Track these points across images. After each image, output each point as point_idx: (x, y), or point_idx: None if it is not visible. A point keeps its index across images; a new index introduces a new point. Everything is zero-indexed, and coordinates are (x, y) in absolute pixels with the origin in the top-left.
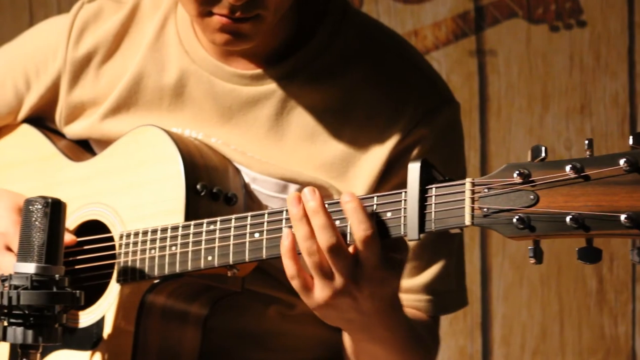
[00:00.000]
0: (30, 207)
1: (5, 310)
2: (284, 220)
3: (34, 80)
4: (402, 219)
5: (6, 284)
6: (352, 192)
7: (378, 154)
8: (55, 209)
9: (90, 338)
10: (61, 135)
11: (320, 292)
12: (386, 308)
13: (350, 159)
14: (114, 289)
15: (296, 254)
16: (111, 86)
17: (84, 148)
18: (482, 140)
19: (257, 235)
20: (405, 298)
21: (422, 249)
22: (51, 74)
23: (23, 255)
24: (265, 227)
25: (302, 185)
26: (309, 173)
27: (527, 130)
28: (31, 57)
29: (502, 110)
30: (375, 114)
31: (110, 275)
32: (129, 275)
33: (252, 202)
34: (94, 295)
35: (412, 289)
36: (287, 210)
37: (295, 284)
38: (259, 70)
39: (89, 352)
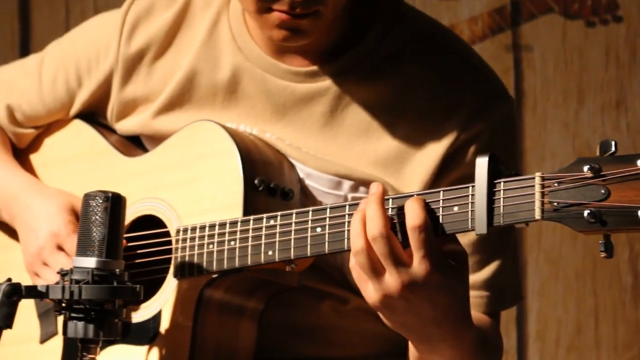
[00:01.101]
0: (91, 201)
1: (66, 305)
2: (346, 215)
3: (85, 77)
4: (470, 213)
5: (66, 279)
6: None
7: (433, 151)
8: (115, 203)
9: (146, 332)
10: (112, 130)
11: (373, 292)
12: (447, 319)
13: (405, 155)
14: (170, 284)
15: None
16: (164, 83)
17: (135, 143)
18: (518, 135)
19: (319, 230)
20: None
21: (482, 245)
22: (103, 71)
23: (83, 249)
24: (327, 222)
25: (357, 181)
26: (363, 169)
27: (563, 126)
28: (83, 54)
29: (538, 105)
30: (430, 110)
31: (165, 270)
32: (187, 270)
33: (306, 198)
34: (148, 290)
35: (473, 286)
36: (349, 205)
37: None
38: (313, 67)
39: (145, 347)
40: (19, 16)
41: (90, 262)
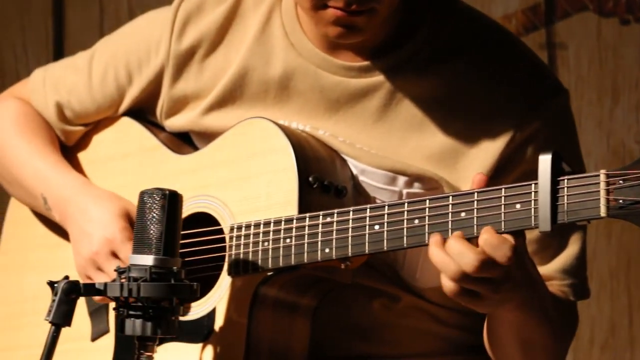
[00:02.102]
0: (148, 198)
1: (124, 303)
2: (405, 212)
3: (136, 74)
4: (533, 210)
5: (123, 276)
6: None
7: (490, 147)
8: (172, 200)
9: (201, 330)
10: (161, 128)
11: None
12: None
13: (460, 151)
14: (224, 281)
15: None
16: (215, 79)
17: (184, 141)
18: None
19: (377, 227)
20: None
21: (551, 236)
22: (154, 68)
23: (140, 247)
24: (385, 219)
25: (411, 177)
26: (418, 165)
27: (597, 124)
28: (133, 51)
29: (572, 103)
30: (483, 105)
31: (218, 268)
32: (241, 267)
33: (359, 194)
34: (200, 287)
35: (546, 275)
36: (408, 203)
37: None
38: (366, 63)
39: (200, 345)
40: (53, 14)
41: (148, 259)
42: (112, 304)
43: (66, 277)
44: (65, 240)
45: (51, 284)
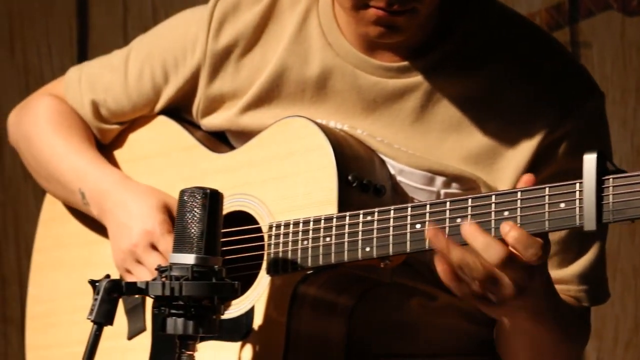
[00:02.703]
0: (188, 197)
1: (166, 301)
2: (447, 211)
3: (172, 73)
4: (578, 209)
5: (164, 275)
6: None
7: (525, 147)
8: (213, 199)
9: (239, 329)
10: (197, 126)
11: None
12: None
13: (497, 151)
14: (263, 280)
15: (458, 278)
16: (252, 79)
17: (220, 140)
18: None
19: (418, 226)
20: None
21: (571, 240)
22: (190, 66)
23: (180, 246)
24: (427, 218)
25: (449, 177)
26: (455, 165)
27: (621, 123)
28: (169, 49)
29: None
30: (520, 105)
31: (256, 267)
32: (280, 266)
33: (397, 194)
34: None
35: (563, 279)
36: (450, 202)
37: (473, 299)
38: (404, 63)
39: (238, 343)
40: (77, 14)
41: (189, 258)
42: (150, 303)
43: (107, 276)
44: (100, 238)
45: (92, 282)
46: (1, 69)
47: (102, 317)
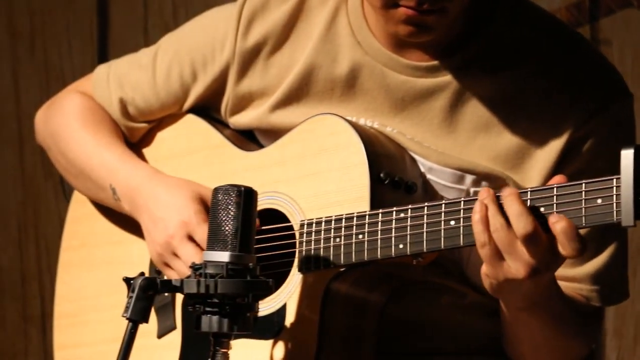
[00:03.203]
0: (223, 195)
1: (201, 299)
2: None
3: (200, 71)
4: (615, 205)
5: (198, 272)
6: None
7: (553, 146)
8: (248, 197)
9: (271, 326)
10: (224, 124)
11: (511, 271)
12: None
13: (525, 150)
14: (294, 277)
15: (488, 222)
16: (280, 77)
17: (248, 138)
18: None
19: (452, 222)
20: (568, 286)
21: (589, 238)
22: (219, 65)
23: (214, 243)
24: (461, 215)
25: (479, 176)
26: (484, 164)
27: None
28: (198, 48)
29: None
30: (549, 105)
31: (286, 264)
32: (312, 263)
33: (427, 192)
34: None
35: (576, 278)
36: None
37: (485, 252)
38: (434, 62)
39: (270, 341)
40: (98, 12)
41: (224, 256)
42: (179, 301)
43: (142, 274)
44: (128, 236)
45: (127, 280)
46: (22, 67)
47: (138, 315)
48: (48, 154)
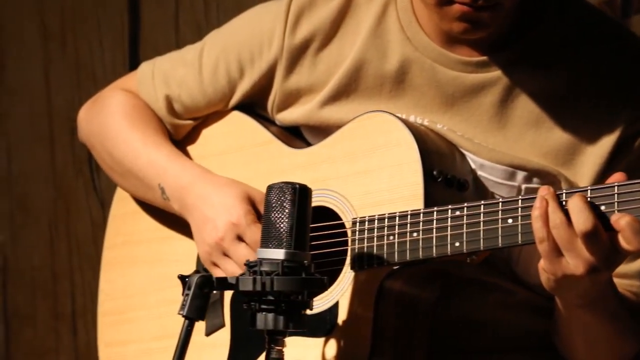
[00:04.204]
0: (277, 193)
1: (256, 297)
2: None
3: (248, 68)
4: None
5: (252, 270)
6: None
7: (604, 143)
8: (302, 194)
9: (323, 324)
10: (270, 121)
11: (570, 267)
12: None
13: (576, 147)
14: (347, 275)
15: (547, 218)
16: (329, 73)
17: (294, 135)
18: None
19: (510, 221)
20: (618, 283)
21: None
22: (267, 61)
23: (268, 241)
24: (519, 213)
25: (530, 172)
26: (535, 160)
27: None
28: (245, 44)
29: None
30: (600, 101)
31: (338, 262)
32: (365, 261)
33: (478, 189)
34: None
35: (627, 274)
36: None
37: (543, 247)
38: (484, 57)
39: (322, 339)
40: (129, 9)
41: (279, 253)
42: (228, 299)
43: (197, 271)
44: (173, 234)
45: (182, 277)
46: (53, 65)
47: (194, 313)
48: (92, 152)
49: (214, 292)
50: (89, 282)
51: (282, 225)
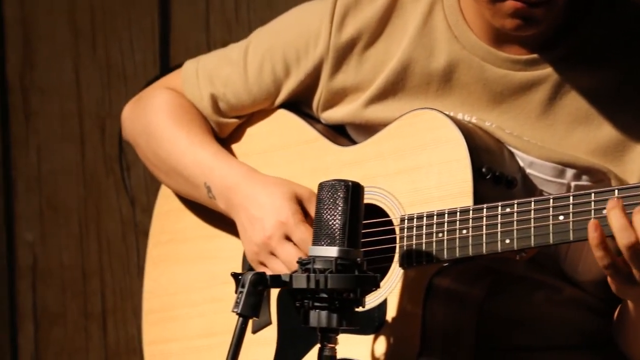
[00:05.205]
0: (329, 190)
1: (310, 294)
2: (592, 203)
3: (293, 66)
4: None
5: (305, 267)
6: None
7: None
8: (355, 192)
9: (371, 322)
10: (315, 119)
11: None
12: None
13: (625, 143)
14: (395, 272)
15: (606, 243)
16: (375, 72)
17: (339, 133)
18: None
19: (561, 218)
20: None
21: None
22: (313, 60)
23: (320, 238)
24: (571, 210)
25: (580, 169)
26: (584, 157)
27: None
28: (291, 43)
29: None
30: None
31: (385, 259)
32: (414, 258)
33: (527, 186)
34: None
35: None
36: (595, 193)
37: (610, 272)
38: (533, 55)
39: (371, 336)
40: (159, 9)
41: (332, 251)
42: (274, 296)
43: (250, 269)
44: (218, 232)
45: (235, 275)
46: (83, 65)
47: (249, 310)
48: (136, 150)
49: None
50: (118, 280)
51: (334, 223)
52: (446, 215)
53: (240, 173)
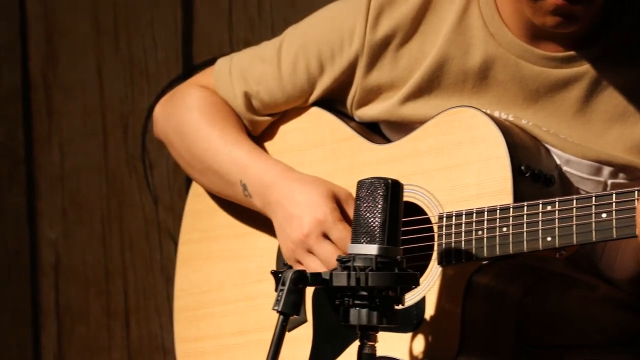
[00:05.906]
0: (369, 188)
1: (350, 292)
2: (636, 201)
3: (328, 64)
4: None
5: (345, 265)
6: None
7: None
8: (395, 189)
9: (410, 319)
10: (349, 117)
11: None
12: None
13: None
14: (433, 270)
15: None
16: (410, 69)
17: (373, 131)
18: None
19: (604, 215)
20: None
21: None
22: (347, 57)
23: (360, 236)
24: (614, 207)
25: (616, 167)
26: (621, 155)
27: None
28: (325, 40)
29: None
30: None
31: (423, 257)
32: (453, 256)
33: (564, 184)
34: None
35: None
36: (638, 191)
37: None
38: (570, 53)
39: (409, 334)
40: (182, 6)
41: (372, 249)
42: (309, 295)
43: (289, 267)
44: (251, 230)
45: (275, 273)
46: (106, 62)
47: (289, 308)
48: (168, 148)
49: None
50: (141, 279)
51: (374, 221)
52: (486, 213)
53: (276, 171)
